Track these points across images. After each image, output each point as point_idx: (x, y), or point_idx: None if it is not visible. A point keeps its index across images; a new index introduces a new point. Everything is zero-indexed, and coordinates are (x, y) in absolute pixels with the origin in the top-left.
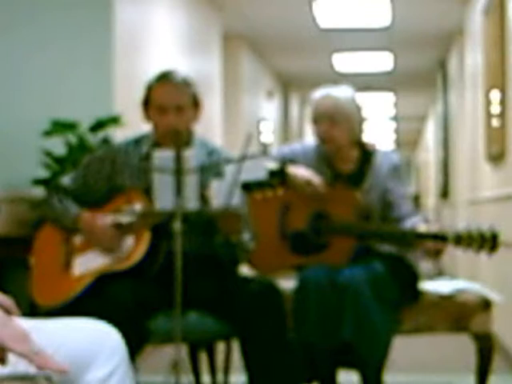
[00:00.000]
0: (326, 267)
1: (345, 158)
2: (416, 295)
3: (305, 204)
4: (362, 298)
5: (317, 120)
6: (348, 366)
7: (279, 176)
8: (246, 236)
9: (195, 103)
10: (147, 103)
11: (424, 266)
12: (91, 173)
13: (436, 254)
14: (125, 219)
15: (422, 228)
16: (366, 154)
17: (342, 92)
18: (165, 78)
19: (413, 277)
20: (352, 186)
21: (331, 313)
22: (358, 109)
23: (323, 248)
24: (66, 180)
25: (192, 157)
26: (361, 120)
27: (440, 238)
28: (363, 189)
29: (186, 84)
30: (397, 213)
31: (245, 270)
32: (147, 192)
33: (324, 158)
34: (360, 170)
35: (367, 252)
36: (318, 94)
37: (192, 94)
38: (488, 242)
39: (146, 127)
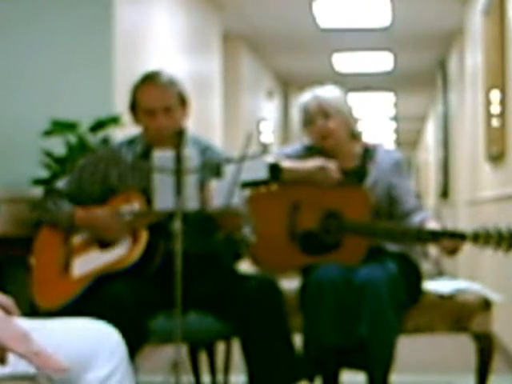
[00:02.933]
0: (339, 266)
1: (346, 154)
2: (418, 295)
3: (316, 203)
4: (380, 297)
5: (310, 121)
6: (353, 366)
7: (272, 172)
8: (246, 230)
9: (182, 101)
10: (134, 107)
11: (424, 266)
12: (86, 175)
13: (452, 253)
14: (123, 218)
15: (432, 224)
16: (368, 151)
17: (328, 90)
18: (149, 79)
19: (418, 277)
20: (357, 183)
21: (347, 312)
22: (347, 104)
23: (335, 247)
24: (60, 184)
25: (192, 157)
26: (352, 114)
27: (458, 236)
28: (367, 185)
29: (171, 84)
30: (403, 208)
31: (245, 267)
32: (143, 192)
33: (326, 156)
34: (362, 166)
35: (377, 251)
36: (305, 96)
37: (178, 92)
38: (505, 240)
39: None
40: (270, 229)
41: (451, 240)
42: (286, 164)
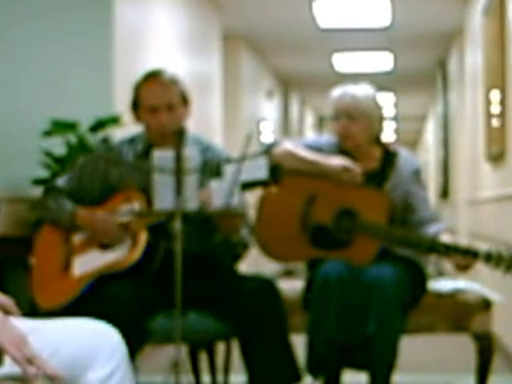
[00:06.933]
0: (346, 264)
1: (367, 156)
2: (421, 298)
3: (333, 198)
4: (388, 297)
5: (335, 117)
6: (356, 366)
7: (272, 174)
8: (244, 232)
9: (184, 100)
10: (136, 105)
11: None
12: (86, 174)
13: (464, 269)
14: (122, 218)
15: (446, 238)
16: (389, 155)
17: (361, 89)
18: (152, 77)
19: (423, 281)
20: (377, 186)
21: (353, 309)
22: (378, 107)
23: (345, 245)
24: (60, 181)
25: (192, 157)
26: (381, 118)
27: (471, 253)
28: (386, 189)
29: (173, 82)
30: (417, 217)
31: (244, 267)
32: (143, 191)
33: (347, 156)
34: (383, 170)
35: (386, 253)
36: (337, 91)
37: (180, 91)
38: None
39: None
40: (283, 216)
41: (463, 256)
42: (310, 155)
